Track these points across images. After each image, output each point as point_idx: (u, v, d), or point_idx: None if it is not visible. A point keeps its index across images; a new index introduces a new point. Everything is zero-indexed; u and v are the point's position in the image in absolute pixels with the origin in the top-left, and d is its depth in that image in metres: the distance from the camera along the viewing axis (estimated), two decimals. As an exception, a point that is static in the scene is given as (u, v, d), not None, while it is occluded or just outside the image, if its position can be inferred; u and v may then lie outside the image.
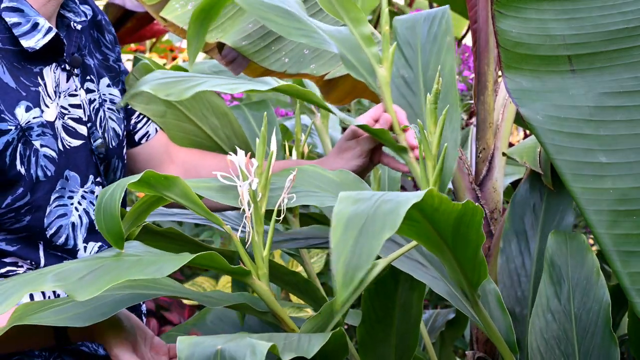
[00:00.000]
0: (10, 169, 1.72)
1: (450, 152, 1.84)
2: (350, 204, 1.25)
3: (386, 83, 1.82)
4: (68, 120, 1.83)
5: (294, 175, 1.55)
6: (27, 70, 1.77)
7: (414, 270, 1.70)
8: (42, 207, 1.77)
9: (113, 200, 1.40)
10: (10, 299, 1.34)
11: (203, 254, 1.42)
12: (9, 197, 1.74)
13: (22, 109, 1.73)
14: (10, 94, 1.73)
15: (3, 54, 1.75)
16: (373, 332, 1.85)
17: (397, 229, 1.38)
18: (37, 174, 1.75)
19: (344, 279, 1.17)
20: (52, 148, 1.77)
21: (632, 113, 1.69)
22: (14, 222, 1.75)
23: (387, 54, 1.81)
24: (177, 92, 1.69)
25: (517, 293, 2.05)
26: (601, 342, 1.79)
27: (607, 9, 1.71)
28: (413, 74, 2.00)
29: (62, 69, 1.83)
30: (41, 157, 1.75)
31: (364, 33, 1.82)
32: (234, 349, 1.28)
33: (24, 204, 1.75)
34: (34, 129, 1.75)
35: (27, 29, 1.76)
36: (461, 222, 1.43)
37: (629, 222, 1.67)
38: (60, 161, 1.79)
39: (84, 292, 1.31)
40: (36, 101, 1.76)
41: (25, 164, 1.73)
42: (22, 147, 1.73)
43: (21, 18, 1.77)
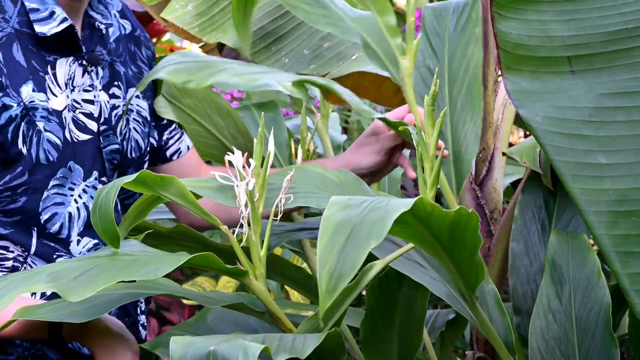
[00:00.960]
0: (11, 145, 1.75)
1: (470, 145, 1.85)
2: (339, 210, 1.26)
3: (409, 75, 1.81)
4: (79, 115, 1.86)
5: (292, 175, 1.55)
6: (40, 56, 1.82)
7: (412, 272, 1.70)
8: (39, 190, 1.80)
9: (108, 201, 1.41)
10: (3, 299, 1.34)
11: (199, 254, 1.42)
12: (7, 175, 1.77)
13: (28, 88, 1.78)
14: (20, 72, 1.77)
15: (20, 35, 1.79)
16: (376, 330, 1.85)
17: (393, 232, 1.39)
18: (39, 155, 1.78)
19: (327, 286, 1.18)
20: (57, 135, 1.81)
21: (632, 114, 1.69)
22: (10, 201, 1.78)
23: (410, 45, 1.81)
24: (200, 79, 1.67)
25: (530, 291, 2.05)
26: (601, 342, 1.79)
27: (607, 10, 1.71)
28: (439, 64, 2.00)
29: (79, 64, 1.87)
30: (44, 141, 1.78)
31: (389, 23, 1.81)
32: (226, 350, 1.28)
33: (21, 183, 1.78)
34: (39, 110, 1.78)
35: (44, 15, 1.82)
36: (456, 227, 1.42)
37: (628, 223, 1.67)
38: (64, 151, 1.82)
39: (77, 293, 1.32)
40: (41, 86, 1.80)
41: (27, 144, 1.76)
42: (25, 126, 1.76)
43: (40, 5, 1.82)
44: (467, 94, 1.91)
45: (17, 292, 1.34)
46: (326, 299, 1.19)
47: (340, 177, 1.67)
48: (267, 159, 1.53)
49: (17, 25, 1.80)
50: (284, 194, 1.54)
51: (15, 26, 1.80)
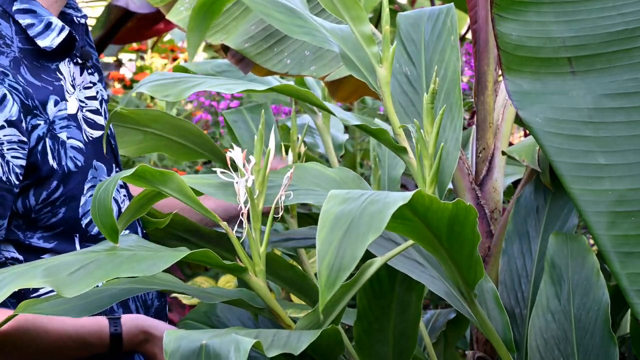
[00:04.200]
0: (43, 164, 1.75)
1: (451, 152, 1.84)
2: (337, 204, 1.26)
3: (386, 83, 1.82)
4: (87, 113, 1.87)
5: (292, 172, 1.56)
6: (45, 67, 1.81)
7: (411, 270, 1.70)
8: (76, 197, 1.80)
9: (106, 194, 1.41)
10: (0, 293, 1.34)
11: (197, 251, 1.43)
12: (44, 192, 1.77)
13: (51, 104, 1.78)
14: (40, 90, 1.77)
15: (24, 55, 1.79)
16: (370, 330, 1.85)
17: (392, 228, 1.40)
18: (68, 165, 1.79)
19: (327, 280, 1.19)
20: (78, 139, 1.81)
21: (632, 114, 1.70)
22: (51, 216, 1.78)
23: (387, 53, 1.81)
24: (175, 93, 1.70)
25: (518, 294, 2.05)
26: (600, 342, 1.79)
27: (607, 11, 1.71)
28: (416, 72, 2.00)
29: (75, 63, 1.87)
30: (69, 149, 1.79)
31: (364, 32, 1.82)
32: (218, 345, 1.29)
33: (59, 195, 1.78)
34: (56, 122, 1.78)
35: (41, 29, 1.81)
36: (455, 222, 1.43)
37: (628, 224, 1.68)
38: (87, 151, 1.83)
39: (72, 289, 1.32)
40: (62, 94, 1.81)
41: (57, 158, 1.77)
42: (50, 141, 1.77)
43: (34, 19, 1.81)
44: (446, 101, 1.91)
45: (13, 287, 1.34)
46: (326, 292, 1.20)
47: (341, 175, 1.69)
48: (267, 156, 1.54)
49: (20, 45, 1.80)
50: (284, 191, 1.55)
51: (19, 45, 1.79)
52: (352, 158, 3.74)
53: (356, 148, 3.71)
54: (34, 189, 1.76)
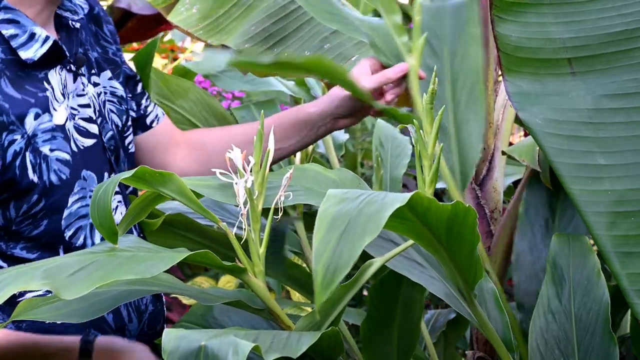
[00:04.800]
0: (22, 178, 1.73)
1: (474, 144, 1.87)
2: (335, 204, 1.26)
3: (415, 72, 1.84)
4: (79, 121, 1.84)
5: (291, 173, 1.56)
6: (31, 77, 1.78)
7: (410, 271, 1.70)
8: (59, 210, 1.78)
9: (106, 195, 1.41)
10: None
11: (197, 252, 1.42)
12: (24, 205, 1.75)
13: (31, 117, 1.75)
14: (19, 104, 1.74)
15: (6, 65, 1.75)
16: (376, 329, 1.86)
17: (391, 227, 1.40)
18: (51, 179, 1.76)
19: (323, 280, 1.19)
20: (64, 151, 1.79)
21: (631, 115, 1.70)
22: (33, 228, 1.77)
23: (417, 43, 1.83)
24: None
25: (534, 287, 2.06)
26: (600, 341, 1.79)
27: (607, 12, 1.72)
28: (440, 64, 2.02)
29: (68, 70, 1.84)
30: (53, 162, 1.76)
31: (395, 22, 1.84)
32: (217, 346, 1.28)
33: (40, 209, 1.76)
34: (39, 135, 1.75)
35: (24, 40, 1.77)
36: (454, 222, 1.43)
37: (627, 224, 1.68)
38: (75, 163, 1.80)
39: (72, 291, 1.31)
40: (45, 106, 1.77)
41: (37, 172, 1.74)
42: (31, 155, 1.74)
43: (17, 29, 1.77)
44: (470, 94, 1.92)
45: (12, 288, 1.33)
46: (322, 293, 1.19)
47: (339, 176, 1.69)
48: (267, 156, 1.54)
49: (2, 55, 1.76)
50: (283, 191, 1.55)
51: (1, 56, 1.76)
52: (353, 158, 3.75)
53: (357, 148, 3.71)
54: (14, 201, 1.75)
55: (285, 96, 3.53)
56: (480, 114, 1.94)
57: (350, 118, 2.00)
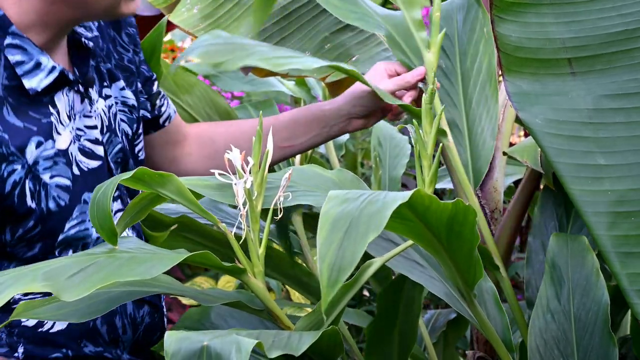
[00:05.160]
0: (20, 206, 1.71)
1: (487, 141, 1.87)
2: (337, 204, 1.27)
3: (432, 68, 1.84)
4: (85, 142, 1.81)
5: (290, 173, 1.56)
6: (36, 102, 1.75)
7: (410, 271, 1.70)
8: (55, 235, 1.77)
9: (105, 197, 1.40)
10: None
11: (197, 253, 1.42)
12: (20, 229, 1.74)
13: (32, 146, 1.72)
14: (20, 133, 1.71)
15: (9, 92, 1.72)
16: (381, 330, 1.86)
17: (391, 228, 1.40)
18: (49, 206, 1.74)
19: (328, 280, 1.20)
20: (65, 176, 1.76)
21: (631, 115, 1.70)
22: (27, 250, 1.76)
23: (435, 39, 1.83)
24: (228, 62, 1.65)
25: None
26: (600, 341, 1.79)
27: (606, 12, 1.72)
28: (450, 64, 2.02)
29: (76, 91, 1.81)
30: (52, 189, 1.74)
31: (415, 17, 1.84)
32: (219, 346, 1.28)
33: (36, 234, 1.75)
34: (40, 163, 1.73)
35: (30, 67, 1.74)
36: (454, 221, 1.43)
37: (628, 224, 1.69)
38: (76, 187, 1.78)
39: (72, 293, 1.31)
40: (48, 133, 1.74)
41: (36, 199, 1.73)
42: (30, 182, 1.72)
43: (24, 56, 1.73)
44: (482, 92, 1.93)
45: (13, 290, 1.33)
46: (328, 292, 1.21)
47: (338, 176, 1.69)
48: (266, 157, 1.54)
49: (6, 82, 1.72)
50: (282, 192, 1.55)
51: (4, 82, 1.72)
52: (353, 158, 3.75)
53: (357, 148, 3.72)
54: (10, 226, 1.74)
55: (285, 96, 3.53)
56: (492, 112, 1.95)
57: (364, 119, 2.00)
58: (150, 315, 1.92)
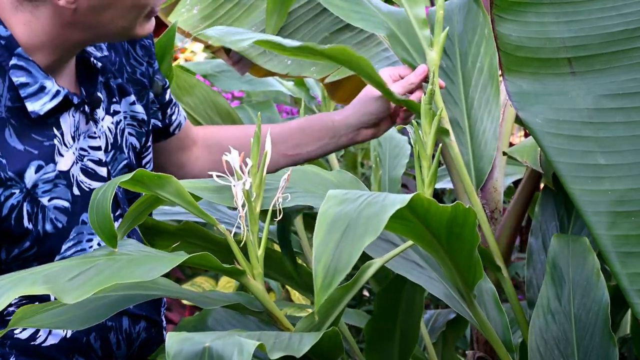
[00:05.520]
0: (17, 228, 1.70)
1: (490, 141, 1.88)
2: (335, 205, 1.26)
3: (436, 66, 1.84)
4: (87, 162, 1.79)
5: (289, 175, 1.56)
6: (40, 124, 1.72)
7: (409, 272, 1.70)
8: (51, 256, 1.75)
9: (105, 199, 1.40)
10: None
11: (197, 254, 1.42)
12: (15, 250, 1.72)
13: (31, 171, 1.70)
14: (20, 157, 1.69)
15: (13, 114, 1.70)
16: (380, 329, 1.86)
17: (391, 228, 1.40)
18: (45, 228, 1.72)
19: (323, 282, 1.19)
20: (64, 198, 1.74)
21: (631, 115, 1.70)
22: (21, 269, 1.74)
23: (438, 37, 1.82)
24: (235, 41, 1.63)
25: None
26: (600, 342, 1.79)
27: (607, 11, 1.72)
28: (451, 63, 2.01)
29: (81, 112, 1.78)
30: (50, 211, 1.72)
31: (418, 15, 1.84)
32: (221, 347, 1.28)
33: (31, 254, 1.73)
34: (39, 186, 1.71)
35: (34, 90, 1.70)
36: (454, 223, 1.42)
37: (628, 224, 1.68)
38: (75, 208, 1.75)
39: (73, 295, 1.30)
40: (49, 156, 1.72)
41: (33, 221, 1.71)
42: (28, 205, 1.70)
43: (29, 79, 1.70)
44: (483, 93, 1.93)
45: (14, 293, 1.32)
46: (321, 294, 1.20)
47: (338, 178, 1.68)
48: (264, 158, 1.53)
49: (9, 103, 1.69)
50: (281, 193, 1.55)
51: (7, 104, 1.69)
52: (353, 158, 3.75)
53: (357, 148, 3.72)
54: (6, 246, 1.72)
55: (284, 96, 3.53)
56: (494, 113, 1.95)
57: (374, 128, 2.00)
58: (147, 331, 1.90)
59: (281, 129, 2.01)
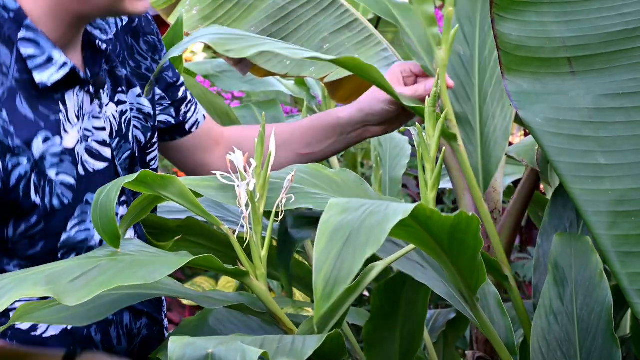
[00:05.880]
0: (24, 200, 1.70)
1: (499, 141, 1.86)
2: (337, 214, 1.25)
3: (443, 66, 1.80)
4: (92, 143, 1.80)
5: (293, 175, 1.55)
6: (47, 97, 1.74)
7: (414, 272, 1.70)
8: (57, 234, 1.76)
9: (109, 200, 1.40)
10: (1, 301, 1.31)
11: (200, 256, 1.41)
12: (22, 225, 1.73)
13: (39, 141, 1.71)
14: (29, 126, 1.70)
15: (22, 85, 1.72)
16: (380, 329, 1.85)
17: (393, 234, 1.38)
18: (52, 203, 1.73)
19: (323, 292, 1.18)
20: (70, 175, 1.75)
21: (631, 114, 1.70)
22: (28, 248, 1.75)
23: (447, 36, 1.79)
24: (238, 49, 1.63)
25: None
26: (603, 343, 1.79)
27: (606, 11, 1.72)
28: (470, 53, 1.99)
29: (86, 92, 1.80)
30: (57, 186, 1.73)
31: (427, 12, 1.80)
32: (224, 354, 1.27)
33: (38, 231, 1.74)
34: (47, 159, 1.72)
35: (42, 62, 1.73)
36: (456, 230, 1.41)
37: (628, 223, 1.68)
38: (79, 187, 1.76)
39: (74, 297, 1.30)
40: (55, 129, 1.73)
41: (40, 194, 1.72)
42: (35, 177, 1.71)
43: (36, 50, 1.73)
44: (497, 85, 1.90)
45: (15, 294, 1.32)
46: (321, 305, 1.18)
47: (341, 177, 1.67)
48: (269, 158, 1.53)
49: (17, 75, 1.71)
50: (284, 194, 1.54)
51: (15, 76, 1.71)
52: (353, 158, 3.75)
53: (357, 148, 3.71)
54: (14, 220, 1.73)
55: (285, 96, 3.53)
56: (506, 109, 1.93)
57: (382, 126, 1.98)
58: (149, 328, 1.91)
59: (293, 128, 2.01)
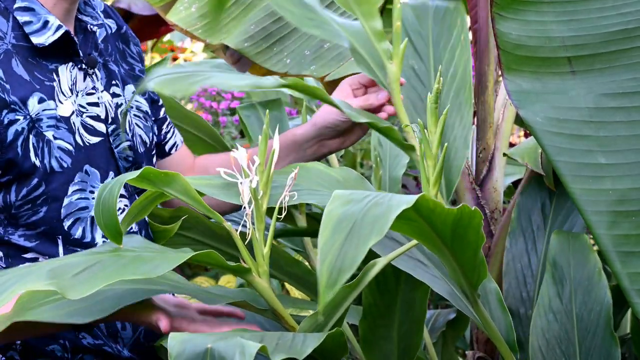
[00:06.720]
0: (23, 160, 1.74)
1: (460, 150, 1.84)
2: (341, 205, 1.25)
3: (396, 80, 1.78)
4: (87, 118, 1.85)
5: (296, 173, 1.55)
6: (41, 66, 1.81)
7: (414, 270, 1.69)
8: (59, 198, 1.79)
9: (111, 196, 1.40)
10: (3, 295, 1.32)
11: (202, 252, 1.42)
12: (24, 189, 1.76)
13: (34, 100, 1.77)
14: (24, 85, 1.77)
15: (17, 50, 1.79)
16: (375, 328, 1.84)
17: (396, 227, 1.39)
18: (52, 164, 1.77)
19: (327, 281, 1.18)
20: (67, 141, 1.80)
21: (632, 114, 1.70)
22: (31, 214, 1.77)
23: (397, 50, 1.77)
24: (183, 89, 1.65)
25: (522, 293, 2.05)
26: (602, 342, 1.79)
27: (606, 11, 1.72)
28: (424, 67, 1.99)
29: (79, 69, 1.87)
30: (55, 149, 1.78)
31: (375, 28, 1.77)
32: (223, 348, 1.28)
33: (40, 194, 1.77)
34: (44, 120, 1.77)
35: (38, 27, 1.81)
36: (459, 225, 1.42)
37: (628, 223, 1.68)
38: (78, 155, 1.81)
39: (77, 291, 1.30)
40: (50, 94, 1.80)
41: (40, 155, 1.76)
42: (34, 138, 1.76)
43: (32, 17, 1.82)
44: (455, 99, 1.90)
45: (18, 289, 1.32)
46: (326, 293, 1.19)
47: (342, 175, 1.68)
48: (272, 157, 1.53)
49: (13, 40, 1.80)
50: (287, 191, 1.54)
51: (11, 41, 1.80)
52: (353, 158, 3.75)
53: (356, 148, 3.72)
54: (16, 184, 1.76)
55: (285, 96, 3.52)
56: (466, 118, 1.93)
57: (339, 139, 1.99)
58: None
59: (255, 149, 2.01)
